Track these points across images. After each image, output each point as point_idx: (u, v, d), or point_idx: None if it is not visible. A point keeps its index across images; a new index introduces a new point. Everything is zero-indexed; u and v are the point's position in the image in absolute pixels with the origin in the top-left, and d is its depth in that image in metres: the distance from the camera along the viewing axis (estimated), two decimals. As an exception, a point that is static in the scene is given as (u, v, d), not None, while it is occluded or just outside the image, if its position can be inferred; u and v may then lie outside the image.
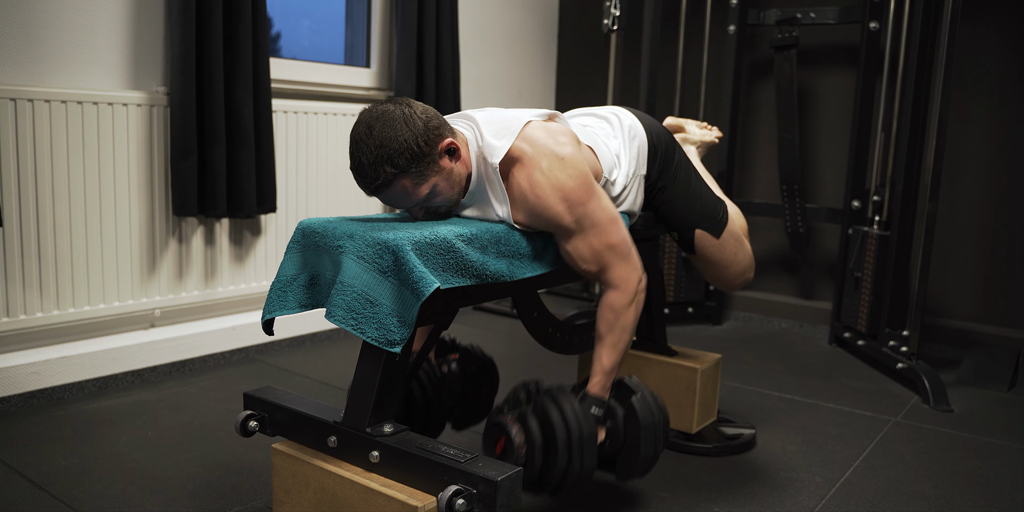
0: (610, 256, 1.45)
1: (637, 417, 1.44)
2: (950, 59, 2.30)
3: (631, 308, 1.47)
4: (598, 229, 1.42)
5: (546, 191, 1.38)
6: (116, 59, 2.25)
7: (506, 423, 1.39)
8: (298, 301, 1.38)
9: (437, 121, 1.36)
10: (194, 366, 2.47)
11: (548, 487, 1.39)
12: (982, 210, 2.86)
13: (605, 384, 1.47)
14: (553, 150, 1.40)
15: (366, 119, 1.34)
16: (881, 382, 2.55)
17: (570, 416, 1.36)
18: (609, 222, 1.43)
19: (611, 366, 1.46)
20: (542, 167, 1.38)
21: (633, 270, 1.47)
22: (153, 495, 1.64)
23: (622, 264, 1.46)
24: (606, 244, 1.43)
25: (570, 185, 1.38)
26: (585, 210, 1.40)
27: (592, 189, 1.42)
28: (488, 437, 1.43)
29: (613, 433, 1.46)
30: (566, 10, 3.81)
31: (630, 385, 1.48)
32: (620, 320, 1.46)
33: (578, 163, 1.41)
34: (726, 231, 1.78)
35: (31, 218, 2.09)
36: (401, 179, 1.33)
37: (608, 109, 1.75)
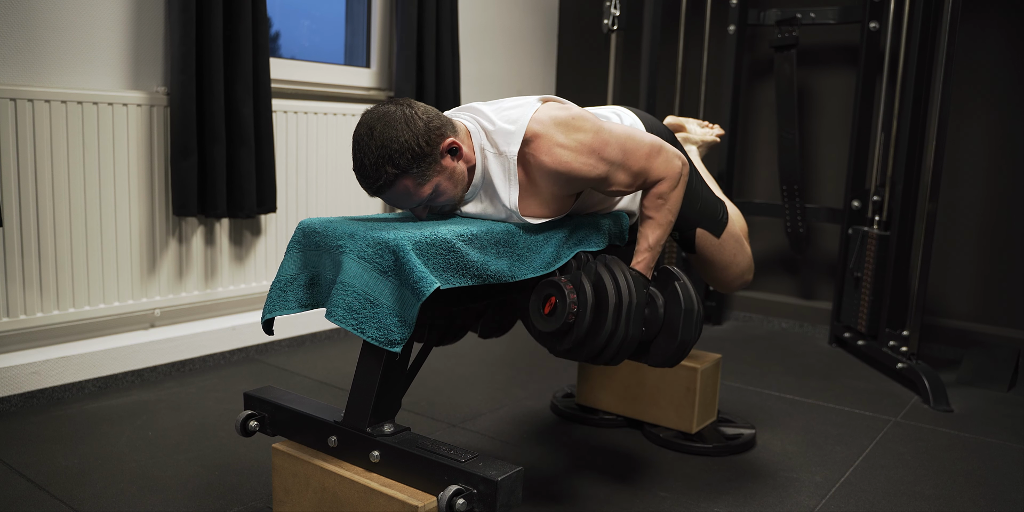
0: (648, 164, 1.47)
1: (680, 300, 1.43)
2: (950, 59, 2.30)
3: (677, 190, 1.50)
4: (627, 156, 1.44)
5: (571, 156, 1.39)
6: (116, 59, 2.25)
7: (560, 282, 1.40)
8: (298, 301, 1.38)
9: (438, 121, 1.37)
10: (194, 366, 2.47)
11: (591, 352, 1.40)
12: (982, 210, 2.86)
13: (649, 263, 1.49)
14: (560, 118, 1.41)
15: (367, 120, 1.35)
16: (881, 382, 2.55)
17: (622, 283, 1.39)
18: (631, 141, 1.46)
19: (656, 243, 1.49)
20: (559, 139, 1.39)
21: (671, 159, 1.50)
22: (153, 495, 1.64)
23: (662, 162, 1.48)
24: (640, 164, 1.46)
25: (588, 139, 1.40)
26: (610, 150, 1.42)
27: (604, 131, 1.43)
28: (538, 295, 1.44)
29: (651, 318, 1.45)
30: (566, 10, 3.81)
31: (673, 272, 1.48)
32: (667, 203, 1.49)
33: (582, 118, 1.43)
34: (726, 231, 1.79)
35: (31, 218, 2.09)
36: (403, 179, 1.34)
37: (609, 108, 1.75)
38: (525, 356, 2.73)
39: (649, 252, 1.49)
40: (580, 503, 1.66)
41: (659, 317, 1.44)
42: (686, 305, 1.43)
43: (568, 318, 1.37)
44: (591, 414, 2.12)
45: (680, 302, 1.43)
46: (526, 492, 1.66)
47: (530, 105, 1.44)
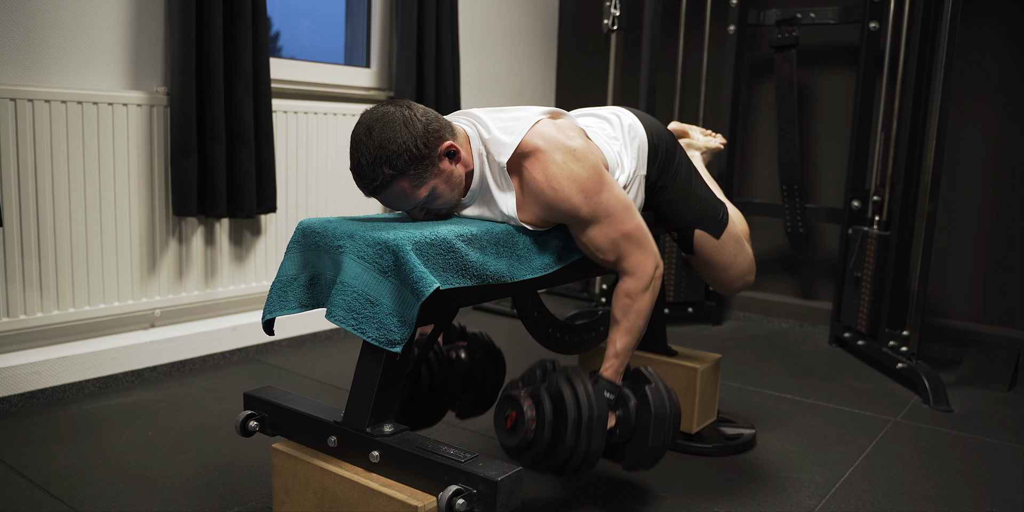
0: (626, 244, 1.46)
1: (650, 406, 1.43)
2: (950, 59, 2.30)
3: (647, 294, 1.48)
4: (613, 218, 1.43)
5: (563, 183, 1.38)
6: (116, 59, 2.25)
7: (519, 397, 1.40)
8: (298, 301, 1.38)
9: (437, 124, 1.37)
10: (194, 366, 2.47)
11: (553, 466, 1.39)
12: (982, 210, 2.86)
13: (618, 369, 1.47)
14: (564, 143, 1.41)
15: (366, 120, 1.34)
16: (881, 382, 2.55)
17: (582, 396, 1.37)
18: (623, 210, 1.45)
19: (624, 350, 1.47)
20: (556, 160, 1.39)
21: (649, 256, 1.48)
22: (153, 495, 1.64)
23: (638, 251, 1.47)
24: (621, 232, 1.44)
25: (584, 176, 1.39)
26: (600, 199, 1.41)
27: (604, 178, 1.43)
28: (500, 410, 1.44)
29: (624, 421, 1.45)
30: (566, 10, 3.81)
31: (646, 375, 1.48)
32: (635, 305, 1.47)
33: (589, 154, 1.42)
34: (726, 233, 1.78)
35: (31, 218, 2.09)
36: (399, 181, 1.34)
37: (609, 109, 1.75)
38: (525, 356, 2.73)
39: (617, 358, 1.47)
40: (580, 503, 1.66)
41: (631, 420, 1.44)
42: (657, 411, 1.43)
43: (527, 434, 1.37)
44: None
45: (651, 408, 1.43)
46: (526, 492, 1.66)
47: (530, 118, 1.44)
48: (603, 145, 1.58)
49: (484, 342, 1.75)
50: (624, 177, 1.61)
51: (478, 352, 1.74)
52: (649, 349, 2.03)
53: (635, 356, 2.02)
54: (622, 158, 1.62)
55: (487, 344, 1.75)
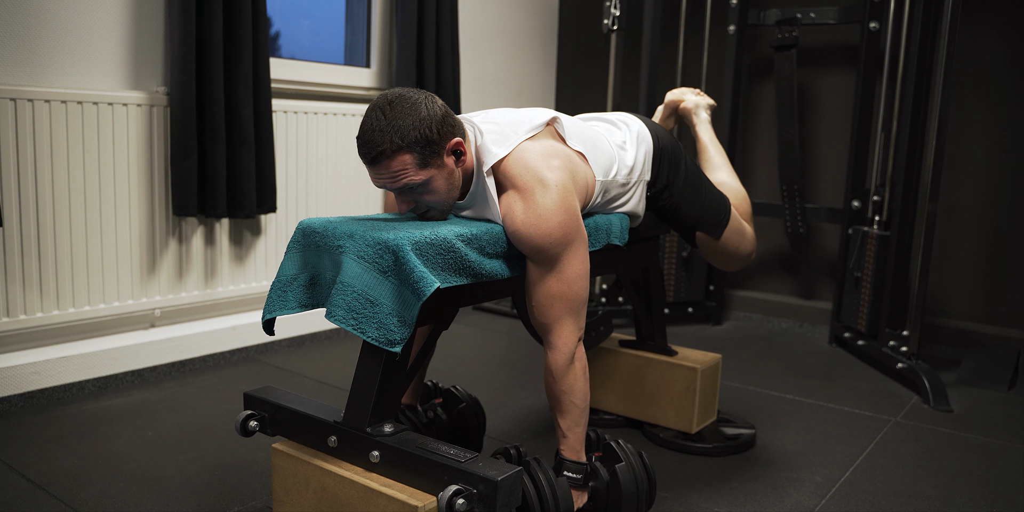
0: (560, 306, 1.40)
1: (620, 486, 1.42)
2: (950, 59, 2.30)
3: (571, 370, 1.40)
4: (563, 277, 1.39)
5: (531, 225, 1.35)
6: (116, 59, 2.25)
7: None
8: (298, 301, 1.38)
9: (453, 120, 1.36)
10: (194, 366, 2.47)
11: None
12: (982, 210, 2.86)
13: (574, 445, 1.43)
14: (544, 178, 1.37)
15: (388, 94, 1.33)
16: (881, 382, 2.55)
17: (545, 489, 1.34)
18: (576, 276, 1.40)
19: (570, 429, 1.42)
20: (535, 199, 1.35)
21: (575, 331, 1.42)
22: (153, 495, 1.64)
23: (567, 319, 1.40)
24: (563, 293, 1.39)
25: (556, 223, 1.35)
26: (560, 253, 1.37)
27: (575, 235, 1.39)
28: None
29: (596, 494, 1.45)
30: (566, 10, 3.81)
31: (617, 451, 1.46)
32: (561, 385, 1.41)
33: (569, 196, 1.38)
34: (727, 230, 1.83)
35: (31, 218, 2.09)
36: (403, 154, 1.30)
37: (617, 115, 1.76)
38: (525, 356, 2.73)
39: (568, 437, 1.43)
40: (580, 503, 1.66)
41: (603, 493, 1.44)
42: (626, 490, 1.42)
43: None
44: (591, 414, 2.11)
45: (620, 486, 1.42)
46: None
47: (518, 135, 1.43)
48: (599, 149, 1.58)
49: (459, 395, 1.77)
50: (624, 176, 1.61)
51: (455, 407, 1.76)
52: (649, 349, 2.03)
53: (636, 356, 2.02)
54: (623, 158, 1.62)
55: (463, 397, 1.77)
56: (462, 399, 1.77)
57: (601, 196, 1.57)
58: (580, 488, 1.43)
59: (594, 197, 1.55)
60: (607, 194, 1.59)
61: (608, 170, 1.57)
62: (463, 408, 1.76)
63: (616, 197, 1.62)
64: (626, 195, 1.64)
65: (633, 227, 1.74)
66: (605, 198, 1.59)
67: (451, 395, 1.78)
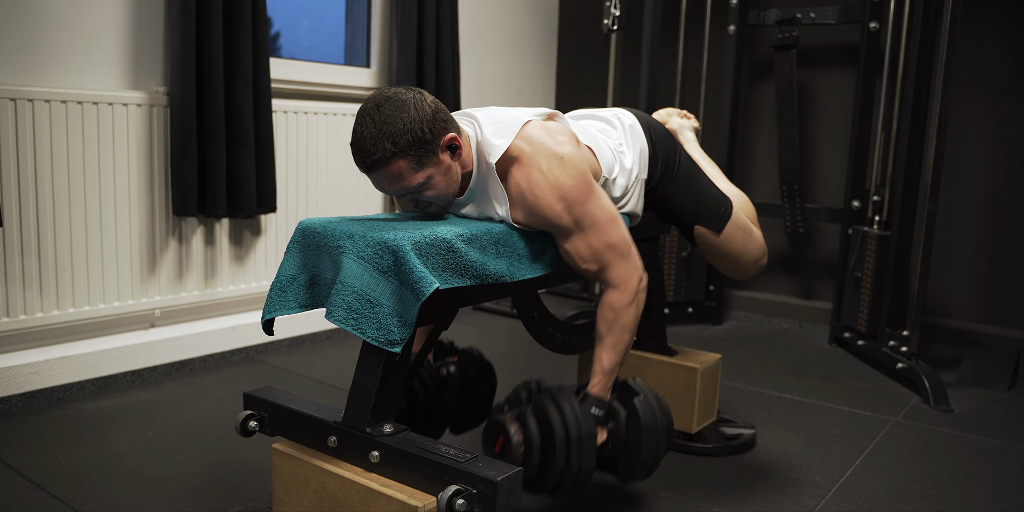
0: (609, 255, 1.43)
1: (639, 419, 1.43)
2: (950, 59, 2.30)
3: (631, 308, 1.45)
4: (597, 228, 1.41)
5: (544, 191, 1.37)
6: (116, 59, 2.25)
7: (505, 422, 1.39)
8: (298, 301, 1.38)
9: (445, 115, 1.36)
10: (194, 366, 2.47)
11: (546, 487, 1.39)
12: (982, 210, 2.86)
13: (606, 384, 1.46)
14: (552, 149, 1.39)
15: (376, 97, 1.33)
16: (881, 382, 2.55)
17: (569, 416, 1.36)
18: (608, 221, 1.43)
19: (611, 366, 1.45)
20: (541, 166, 1.37)
21: (633, 269, 1.46)
22: (153, 495, 1.64)
23: (621, 263, 1.45)
24: (605, 243, 1.43)
25: (569, 184, 1.38)
26: (584, 209, 1.40)
27: (591, 188, 1.41)
28: (487, 436, 1.43)
29: (615, 434, 1.45)
30: (566, 10, 3.81)
31: (633, 387, 1.47)
32: (620, 320, 1.45)
33: (577, 162, 1.41)
34: (730, 225, 1.77)
35: (31, 218, 2.09)
36: (398, 159, 1.31)
37: (610, 111, 1.75)
38: (525, 356, 2.73)
39: (603, 375, 1.45)
40: (580, 503, 1.66)
41: (621, 434, 1.44)
42: (647, 422, 1.42)
43: (516, 458, 1.36)
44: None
45: (640, 420, 1.42)
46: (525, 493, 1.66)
47: (520, 120, 1.43)
48: (600, 143, 1.58)
49: (474, 357, 1.76)
50: (624, 179, 1.60)
51: (469, 367, 1.75)
52: (649, 349, 2.03)
53: (636, 356, 2.02)
54: (623, 161, 1.62)
55: (477, 359, 1.76)
56: (476, 360, 1.75)
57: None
58: (601, 426, 1.44)
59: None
60: (610, 195, 1.59)
61: (610, 170, 1.57)
62: (477, 370, 1.74)
63: (619, 198, 1.62)
64: (626, 196, 1.64)
65: (632, 227, 1.74)
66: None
67: (467, 355, 1.75)
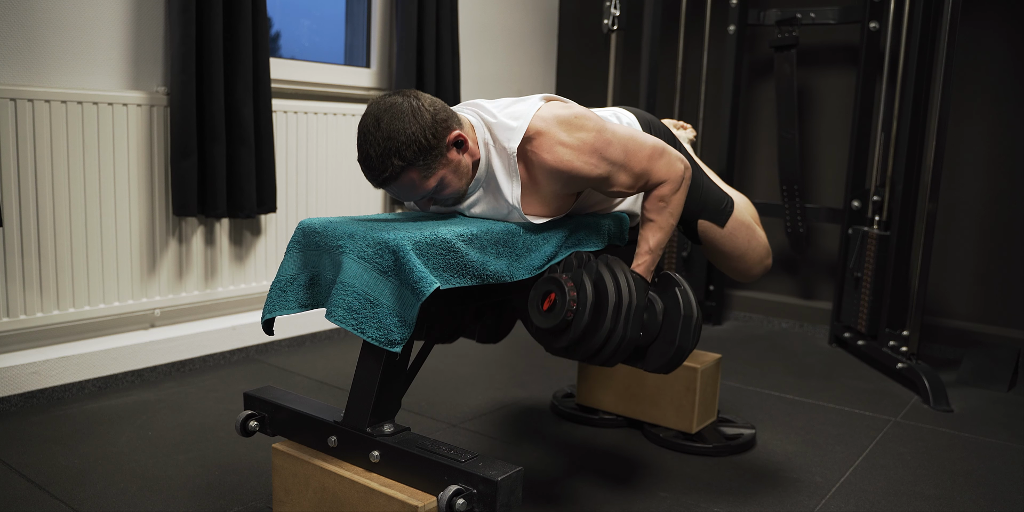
0: (651, 166, 1.47)
1: (679, 305, 1.42)
2: (950, 59, 2.30)
3: (679, 194, 1.50)
4: (629, 157, 1.45)
5: (574, 156, 1.39)
6: (116, 59, 2.25)
7: (560, 279, 1.38)
8: (298, 301, 1.38)
9: (445, 113, 1.36)
10: (194, 366, 2.47)
11: (587, 352, 1.38)
12: (982, 210, 2.86)
13: (649, 266, 1.48)
14: (561, 115, 1.41)
15: (374, 111, 1.34)
16: (881, 382, 2.55)
17: (623, 283, 1.37)
18: (633, 142, 1.46)
19: (657, 247, 1.48)
20: (561, 138, 1.39)
21: (672, 163, 1.49)
22: (153, 495, 1.64)
23: (661, 165, 1.48)
24: (642, 166, 1.46)
25: (590, 138, 1.41)
26: (612, 151, 1.42)
27: (606, 131, 1.43)
28: (537, 291, 1.41)
29: (649, 323, 1.44)
30: (566, 10, 3.81)
31: (674, 278, 1.46)
32: (669, 207, 1.49)
33: (587, 117, 1.43)
34: (733, 220, 1.76)
35: (31, 218, 2.09)
36: (409, 172, 1.33)
37: (609, 110, 1.75)
38: (525, 356, 2.73)
39: (650, 255, 1.48)
40: (580, 503, 1.66)
41: (657, 322, 1.43)
42: (685, 311, 1.41)
43: (567, 315, 1.36)
44: (591, 414, 2.12)
45: (680, 307, 1.41)
46: (526, 492, 1.66)
47: (533, 103, 1.44)
48: None
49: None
50: None
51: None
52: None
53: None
54: None
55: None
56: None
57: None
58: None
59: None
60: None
61: None
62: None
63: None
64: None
65: (633, 226, 1.74)
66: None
67: None
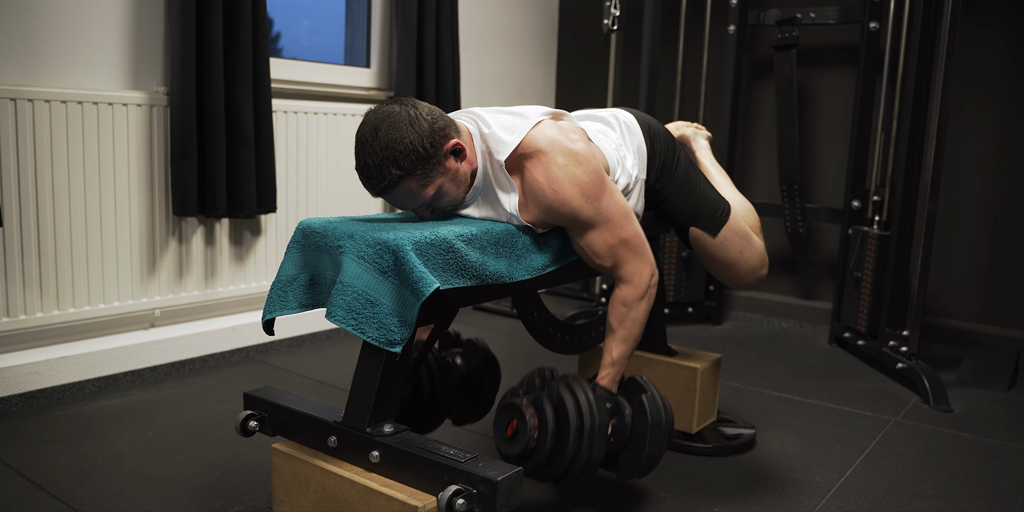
0: (623, 251, 1.46)
1: (646, 414, 1.43)
2: (950, 59, 2.30)
3: (643, 302, 1.48)
4: (612, 223, 1.44)
5: (564, 186, 1.39)
6: (116, 59, 2.25)
7: (521, 405, 1.39)
8: (298, 301, 1.38)
9: (442, 122, 1.36)
10: (194, 366, 2.47)
11: (554, 475, 1.39)
12: (982, 210, 2.86)
13: (614, 377, 1.48)
14: (567, 146, 1.41)
15: (372, 120, 1.34)
16: (881, 382, 2.55)
17: (584, 404, 1.37)
18: (622, 216, 1.45)
19: (620, 358, 1.47)
20: (558, 163, 1.39)
21: (646, 264, 1.48)
22: (153, 495, 1.64)
23: (635, 259, 1.47)
24: (619, 238, 1.45)
25: (586, 179, 1.40)
26: (600, 204, 1.42)
27: (605, 183, 1.43)
28: (500, 418, 1.43)
29: (619, 430, 1.45)
30: (566, 10, 3.81)
31: (641, 383, 1.48)
32: (631, 314, 1.47)
33: (590, 158, 1.42)
34: (726, 229, 1.74)
35: (31, 218, 2.09)
36: (407, 181, 1.34)
37: (608, 111, 1.75)
38: (525, 356, 2.73)
39: (614, 367, 1.47)
40: (580, 503, 1.66)
41: (626, 429, 1.45)
42: (653, 418, 1.43)
43: (530, 443, 1.37)
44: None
45: (647, 415, 1.43)
46: (525, 492, 1.66)
47: (531, 118, 1.44)
48: (605, 148, 1.58)
49: (480, 348, 1.76)
50: (625, 180, 1.61)
51: (474, 358, 1.74)
52: (649, 349, 2.03)
53: (636, 356, 2.02)
54: (624, 161, 1.62)
55: (483, 350, 1.75)
56: (482, 351, 1.75)
57: None
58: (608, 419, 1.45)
59: None
60: None
61: (612, 172, 1.58)
62: (481, 361, 1.74)
63: None
64: (627, 196, 1.64)
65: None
66: None
67: (472, 346, 1.76)
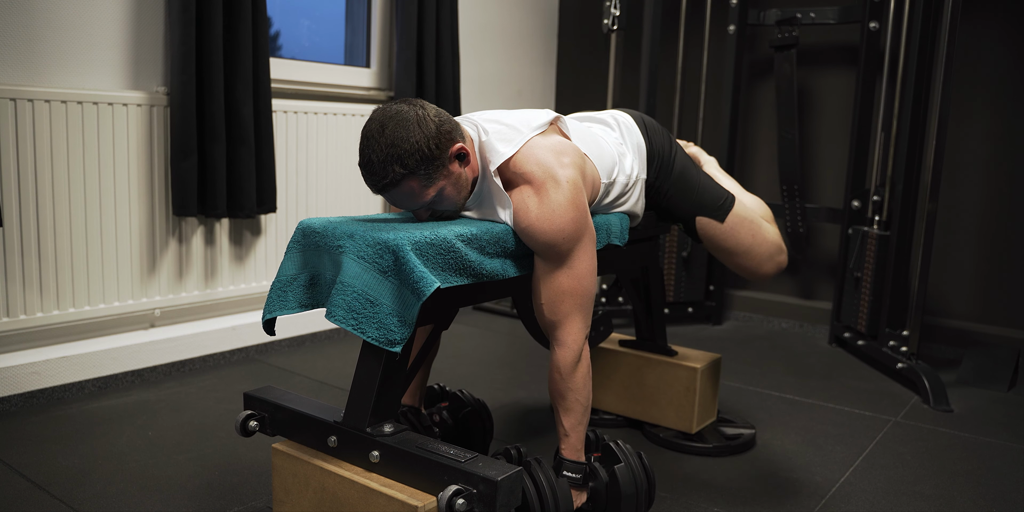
0: (569, 303, 1.41)
1: (619, 487, 1.42)
2: (950, 59, 2.30)
3: (579, 368, 1.42)
4: (573, 272, 1.40)
5: (544, 221, 1.36)
6: (116, 59, 2.25)
7: None
8: (298, 301, 1.38)
9: (449, 125, 1.36)
10: (194, 366, 2.47)
11: None
12: (982, 210, 2.86)
13: (576, 445, 1.44)
14: (556, 175, 1.38)
15: (379, 117, 1.33)
16: (881, 382, 2.55)
17: (546, 490, 1.34)
18: (586, 272, 1.41)
19: (573, 428, 1.43)
20: (549, 195, 1.36)
21: (584, 328, 1.43)
22: (153, 495, 1.64)
23: (575, 317, 1.42)
24: (572, 289, 1.40)
25: (569, 217, 1.37)
26: (571, 248, 1.39)
27: (585, 230, 1.40)
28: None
29: (596, 494, 1.45)
30: (566, 10, 3.81)
31: (616, 452, 1.46)
32: (569, 384, 1.42)
33: (580, 193, 1.39)
34: (733, 215, 1.73)
35: (31, 218, 2.09)
36: (409, 180, 1.33)
37: (607, 113, 1.75)
38: (525, 356, 2.73)
39: (569, 437, 1.44)
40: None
41: (602, 494, 1.44)
42: (626, 490, 1.42)
43: None
44: (591, 414, 2.12)
45: (620, 488, 1.42)
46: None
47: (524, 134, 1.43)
48: (602, 153, 1.58)
49: (465, 399, 1.76)
50: (624, 178, 1.61)
51: (461, 411, 1.75)
52: (649, 349, 2.03)
53: (636, 356, 2.02)
54: (623, 160, 1.62)
55: (468, 402, 1.76)
56: (468, 403, 1.76)
57: (604, 197, 1.58)
58: (579, 488, 1.44)
59: (599, 198, 1.56)
60: (609, 195, 1.60)
61: (611, 172, 1.58)
62: (468, 412, 1.75)
63: (618, 197, 1.63)
64: (626, 195, 1.64)
65: (633, 227, 1.74)
66: (607, 199, 1.60)
67: (457, 399, 1.78)
